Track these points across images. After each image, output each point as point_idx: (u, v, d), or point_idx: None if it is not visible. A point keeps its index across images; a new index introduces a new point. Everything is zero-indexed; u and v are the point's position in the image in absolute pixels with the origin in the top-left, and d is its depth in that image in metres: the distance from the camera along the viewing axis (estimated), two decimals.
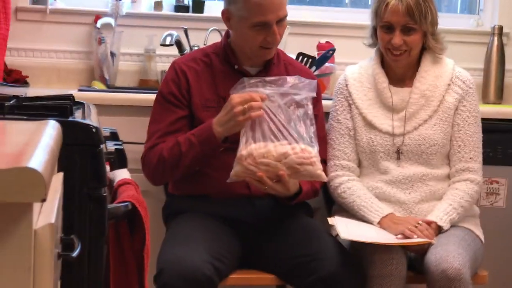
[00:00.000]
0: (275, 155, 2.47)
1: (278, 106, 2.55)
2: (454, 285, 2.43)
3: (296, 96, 2.57)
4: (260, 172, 2.47)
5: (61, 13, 3.48)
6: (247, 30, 2.63)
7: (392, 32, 2.68)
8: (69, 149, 1.60)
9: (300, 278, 2.53)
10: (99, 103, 2.78)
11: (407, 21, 2.65)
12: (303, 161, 2.48)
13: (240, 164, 2.47)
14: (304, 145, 2.50)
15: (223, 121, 2.55)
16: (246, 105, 2.50)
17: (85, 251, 1.64)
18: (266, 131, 2.52)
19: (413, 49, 2.70)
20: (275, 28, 2.60)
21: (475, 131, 2.74)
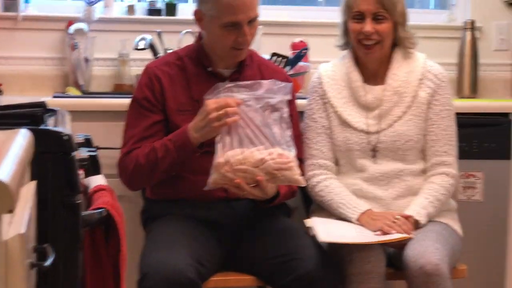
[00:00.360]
0: (252, 161, 2.47)
1: (253, 111, 2.54)
2: (433, 280, 2.43)
3: (271, 99, 2.57)
4: (238, 179, 2.47)
5: (33, 20, 3.47)
6: (218, 30, 2.63)
7: (363, 21, 2.69)
8: (41, 157, 1.59)
9: (279, 278, 2.52)
10: (74, 109, 2.77)
11: (377, 8, 2.66)
12: (281, 167, 2.48)
13: (217, 171, 2.46)
14: (281, 149, 2.49)
15: (199, 126, 2.54)
16: (221, 111, 2.49)
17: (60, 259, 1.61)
18: (243, 137, 2.52)
19: (384, 39, 2.70)
20: (246, 28, 2.60)
21: (448, 125, 2.75)
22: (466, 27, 3.68)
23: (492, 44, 3.81)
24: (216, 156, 2.48)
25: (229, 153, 2.48)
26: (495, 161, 3.21)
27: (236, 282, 2.65)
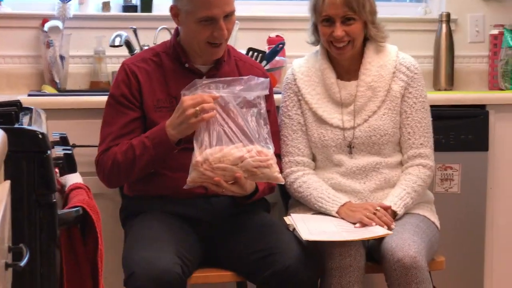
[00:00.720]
0: (231, 159, 2.48)
1: (231, 107, 2.55)
2: (411, 273, 2.44)
3: (248, 95, 2.58)
4: (217, 177, 2.48)
5: (7, 18, 3.47)
6: (194, 25, 2.63)
7: (332, 25, 2.70)
8: (15, 157, 1.58)
9: (258, 273, 2.53)
10: (50, 107, 2.77)
11: (346, 11, 2.68)
12: (259, 164, 2.49)
13: (196, 170, 2.47)
14: (260, 147, 2.51)
15: (176, 123, 2.55)
16: (198, 107, 2.49)
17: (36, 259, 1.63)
18: (221, 134, 2.53)
19: (355, 39, 2.72)
20: (222, 23, 2.61)
21: (423, 117, 2.78)
22: (441, 20, 3.71)
23: (468, 36, 3.86)
24: (194, 154, 2.48)
25: (208, 151, 2.49)
26: (473, 153, 3.24)
27: (216, 278, 2.66)
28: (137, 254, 2.45)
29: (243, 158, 2.48)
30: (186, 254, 2.49)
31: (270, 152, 2.52)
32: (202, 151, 2.48)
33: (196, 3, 2.60)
